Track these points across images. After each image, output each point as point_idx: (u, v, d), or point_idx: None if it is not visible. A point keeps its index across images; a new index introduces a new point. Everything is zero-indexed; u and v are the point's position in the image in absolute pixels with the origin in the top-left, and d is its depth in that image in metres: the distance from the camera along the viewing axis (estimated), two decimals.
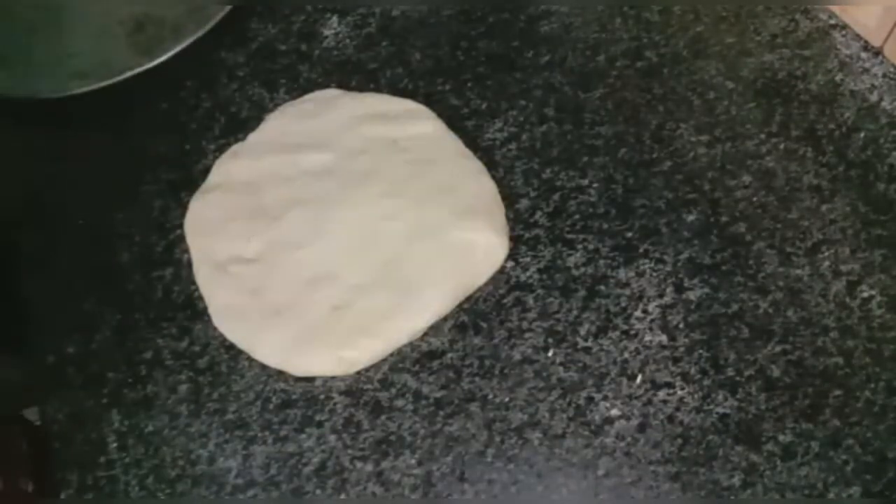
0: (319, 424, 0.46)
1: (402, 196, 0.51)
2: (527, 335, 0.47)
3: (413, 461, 0.44)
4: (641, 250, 0.50)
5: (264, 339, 0.48)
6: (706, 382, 0.45)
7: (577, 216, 0.51)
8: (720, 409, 0.45)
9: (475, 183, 0.52)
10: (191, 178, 0.54)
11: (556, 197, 0.52)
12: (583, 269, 0.49)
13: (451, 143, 0.54)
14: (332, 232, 0.50)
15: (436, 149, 0.53)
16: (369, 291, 0.48)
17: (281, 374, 0.47)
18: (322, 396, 0.47)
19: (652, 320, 0.47)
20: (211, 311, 0.49)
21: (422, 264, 0.49)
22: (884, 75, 0.55)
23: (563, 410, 0.45)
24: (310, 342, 0.47)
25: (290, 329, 0.47)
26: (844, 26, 0.57)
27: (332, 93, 0.57)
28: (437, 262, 0.49)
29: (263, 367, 0.47)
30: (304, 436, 0.45)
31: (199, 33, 0.57)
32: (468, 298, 0.49)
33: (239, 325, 0.49)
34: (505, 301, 0.48)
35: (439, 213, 0.50)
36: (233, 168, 0.54)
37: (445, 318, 0.48)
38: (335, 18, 0.60)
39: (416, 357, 0.47)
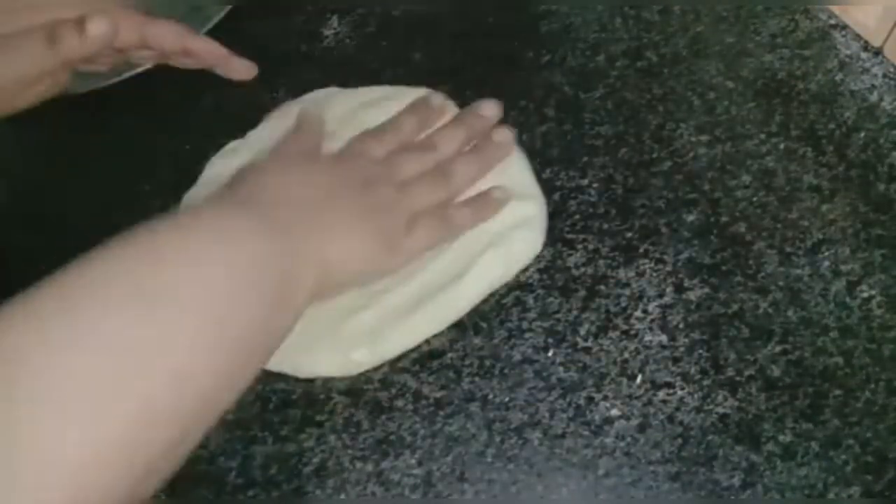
0: (319, 424, 0.46)
1: None
2: (527, 335, 0.47)
3: (413, 461, 0.44)
4: (641, 250, 0.50)
5: None
6: (706, 382, 0.45)
7: (577, 216, 0.51)
8: (720, 409, 0.45)
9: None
10: (191, 178, 0.54)
11: (556, 197, 0.52)
12: (583, 269, 0.49)
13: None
14: None
15: None
16: (383, 292, 0.47)
17: (281, 374, 0.47)
18: (322, 396, 0.47)
19: (652, 320, 0.47)
20: None
21: (444, 259, 0.48)
22: (884, 75, 0.55)
23: (563, 410, 0.45)
24: (317, 343, 0.46)
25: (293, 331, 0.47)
26: (844, 26, 0.57)
27: (332, 91, 0.57)
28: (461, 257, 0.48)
29: None
30: (304, 436, 0.45)
31: (199, 33, 0.57)
32: None
33: None
34: (505, 301, 0.48)
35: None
36: (229, 166, 0.53)
37: None
38: (335, 18, 0.60)
39: (416, 357, 0.47)
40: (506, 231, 0.49)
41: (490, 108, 0.51)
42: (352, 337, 0.47)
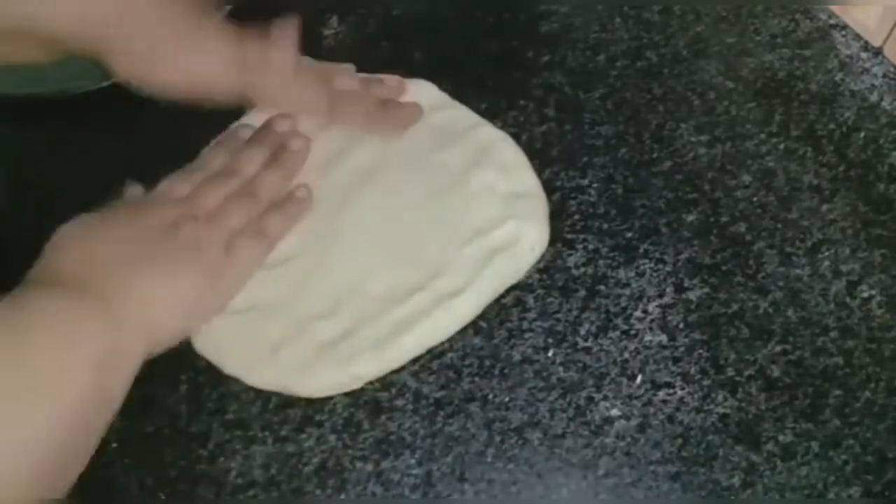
0: (319, 424, 0.46)
1: (420, 187, 0.50)
2: (527, 335, 0.47)
3: (413, 461, 0.44)
4: (641, 250, 0.50)
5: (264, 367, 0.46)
6: (706, 382, 0.45)
7: (577, 216, 0.51)
8: (720, 409, 0.45)
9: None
10: None
11: (556, 197, 0.52)
12: (583, 269, 0.49)
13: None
14: (341, 235, 0.49)
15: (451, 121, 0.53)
16: (388, 301, 0.47)
17: None
18: (322, 396, 0.46)
19: (652, 320, 0.47)
20: (198, 341, 0.47)
21: (453, 268, 0.47)
22: (884, 75, 0.55)
23: (563, 410, 0.45)
24: (318, 362, 0.45)
25: (295, 352, 0.46)
26: (844, 26, 0.57)
27: None
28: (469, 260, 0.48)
29: None
30: (304, 436, 0.45)
31: None
32: None
33: (234, 354, 0.47)
34: (505, 301, 0.48)
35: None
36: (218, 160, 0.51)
37: None
38: (335, 18, 0.60)
39: (416, 357, 0.47)
40: (510, 231, 0.49)
41: (283, 123, 0.51)
42: (354, 353, 0.46)
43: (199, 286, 0.45)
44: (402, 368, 0.47)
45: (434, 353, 0.47)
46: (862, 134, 0.53)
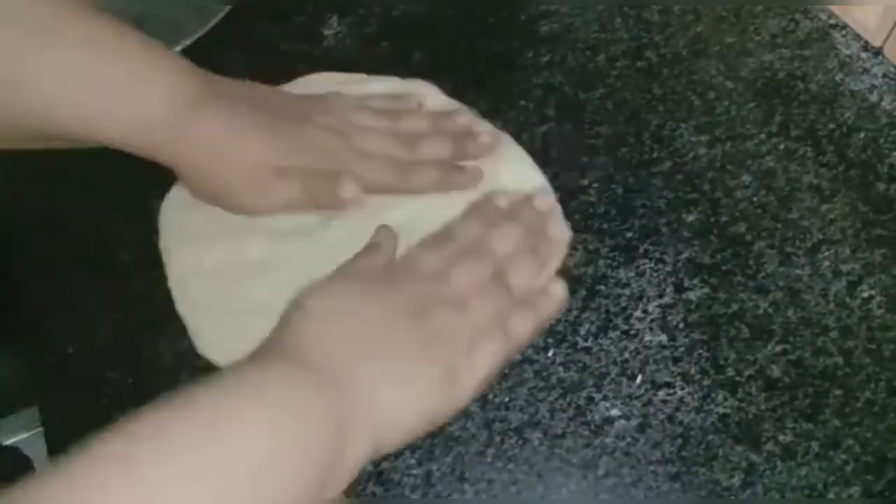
0: None
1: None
2: None
3: (413, 461, 0.44)
4: (641, 250, 0.50)
5: None
6: (706, 382, 0.45)
7: (577, 216, 0.51)
8: (720, 409, 0.45)
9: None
10: None
11: (556, 197, 0.52)
12: (583, 269, 0.49)
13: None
14: (340, 236, 0.48)
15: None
16: None
17: None
18: None
19: (652, 320, 0.47)
20: (200, 341, 0.47)
21: None
22: (884, 75, 0.55)
23: (563, 410, 0.45)
24: None
25: None
26: (844, 26, 0.58)
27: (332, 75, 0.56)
28: None
29: None
30: None
31: (199, 33, 0.57)
32: None
33: (234, 354, 0.45)
34: None
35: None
36: None
37: None
38: (335, 18, 0.60)
39: None
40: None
41: (544, 202, 0.48)
42: None
43: (435, 386, 0.39)
44: None
45: None
46: (862, 134, 0.53)
